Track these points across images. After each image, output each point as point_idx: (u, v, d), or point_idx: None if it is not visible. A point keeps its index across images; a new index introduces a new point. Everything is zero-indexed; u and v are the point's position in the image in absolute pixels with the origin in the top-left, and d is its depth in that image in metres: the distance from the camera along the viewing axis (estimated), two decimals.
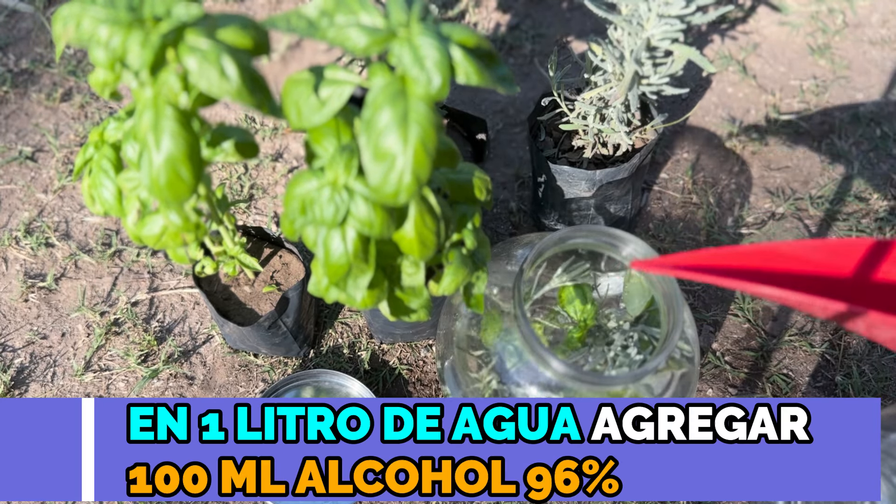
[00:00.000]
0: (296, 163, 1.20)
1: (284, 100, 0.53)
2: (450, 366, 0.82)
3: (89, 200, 0.66)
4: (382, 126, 0.44)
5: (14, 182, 1.17)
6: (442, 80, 0.44)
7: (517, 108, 1.26)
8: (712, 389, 0.99)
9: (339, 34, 0.47)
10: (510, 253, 0.82)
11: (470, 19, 1.38)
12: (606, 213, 1.02)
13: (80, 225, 1.13)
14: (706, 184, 1.17)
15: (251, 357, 1.01)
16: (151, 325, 1.04)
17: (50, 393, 0.99)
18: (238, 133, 0.64)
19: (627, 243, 0.73)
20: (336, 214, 0.51)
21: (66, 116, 1.24)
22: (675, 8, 0.73)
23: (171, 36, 0.44)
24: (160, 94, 0.46)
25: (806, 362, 1.01)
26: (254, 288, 0.90)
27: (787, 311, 1.05)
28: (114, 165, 0.64)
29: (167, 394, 0.98)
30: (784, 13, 1.39)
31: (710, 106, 1.26)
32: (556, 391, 0.71)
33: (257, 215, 1.14)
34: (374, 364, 1.01)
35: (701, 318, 1.04)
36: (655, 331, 0.76)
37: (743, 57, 1.32)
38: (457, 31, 0.47)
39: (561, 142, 0.98)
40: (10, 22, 1.37)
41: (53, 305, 1.05)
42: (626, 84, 0.84)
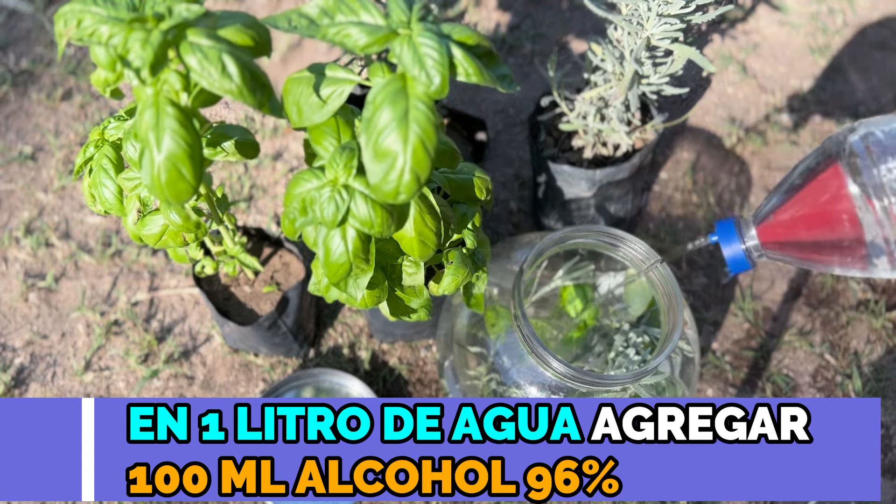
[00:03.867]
0: (296, 163, 1.20)
1: (285, 99, 0.53)
2: (450, 365, 0.82)
3: (90, 200, 0.66)
4: (382, 125, 0.44)
5: (14, 182, 1.17)
6: (442, 80, 0.44)
7: (517, 108, 1.26)
8: (712, 389, 0.99)
9: (339, 33, 0.47)
10: (510, 253, 0.82)
11: (470, 19, 1.38)
12: (606, 213, 1.02)
13: (80, 225, 1.13)
14: (706, 184, 1.17)
15: (251, 357, 1.01)
16: (151, 325, 1.04)
17: (50, 393, 0.99)
18: (239, 132, 0.64)
19: (627, 243, 0.73)
20: (336, 214, 0.51)
21: (66, 116, 1.24)
22: (674, 7, 0.73)
23: (173, 34, 0.44)
24: (161, 93, 0.46)
25: (806, 362, 1.01)
26: (254, 288, 0.90)
27: (787, 311, 1.05)
28: (114, 165, 0.64)
29: (167, 394, 0.98)
30: (784, 13, 1.39)
31: (710, 106, 1.26)
32: (556, 391, 0.71)
33: (257, 215, 1.14)
34: (374, 364, 1.01)
35: (701, 318, 1.04)
36: (656, 331, 0.76)
37: (743, 57, 1.32)
38: (457, 30, 0.47)
39: (561, 142, 0.98)
40: (10, 22, 1.37)
41: (53, 305, 1.05)
42: (626, 84, 0.84)
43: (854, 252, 0.51)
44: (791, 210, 0.56)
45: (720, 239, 0.65)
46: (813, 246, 0.55)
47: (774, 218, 0.58)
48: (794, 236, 0.56)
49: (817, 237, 0.53)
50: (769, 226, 0.59)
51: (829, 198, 0.51)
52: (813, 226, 0.53)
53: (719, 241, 0.65)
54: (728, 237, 0.64)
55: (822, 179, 0.53)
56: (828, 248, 0.53)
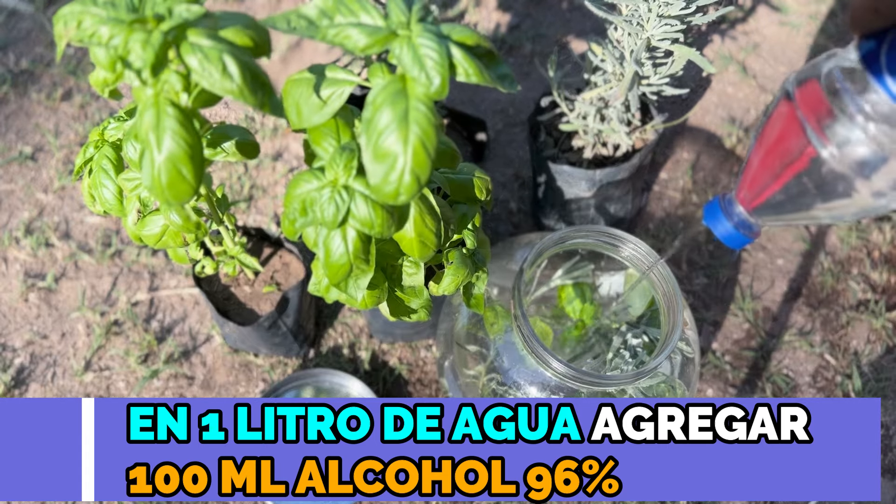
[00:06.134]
0: (296, 163, 1.20)
1: (285, 100, 0.53)
2: (450, 365, 0.82)
3: (89, 200, 0.66)
4: (383, 126, 0.44)
5: (14, 182, 1.17)
6: (442, 80, 0.44)
7: (517, 108, 1.26)
8: (712, 389, 0.99)
9: (338, 34, 0.47)
10: (510, 253, 0.82)
11: (470, 19, 1.38)
12: (606, 213, 1.02)
13: (80, 225, 1.13)
14: (706, 184, 1.17)
15: (251, 357, 1.01)
16: (151, 325, 1.04)
17: (50, 393, 0.99)
18: (239, 133, 0.64)
19: (627, 243, 0.73)
20: (336, 214, 0.51)
21: (66, 116, 1.24)
22: (675, 8, 0.73)
23: (173, 35, 0.44)
24: (161, 94, 0.46)
25: (806, 362, 1.01)
26: (254, 288, 0.90)
27: (787, 311, 1.05)
28: (114, 165, 0.64)
29: (167, 394, 0.98)
30: (784, 13, 1.39)
31: (710, 106, 1.26)
32: (556, 391, 0.71)
33: (257, 215, 1.14)
34: (374, 364, 1.01)
35: (701, 318, 1.04)
36: (656, 331, 0.76)
37: (743, 57, 1.32)
38: (456, 30, 0.47)
39: (561, 142, 0.98)
40: (10, 22, 1.37)
41: (53, 305, 1.05)
42: (626, 84, 0.84)
43: (824, 180, 0.50)
44: (757, 164, 0.56)
45: (708, 221, 0.64)
46: (789, 192, 0.54)
47: (749, 181, 0.58)
48: (770, 190, 0.56)
49: (786, 177, 0.53)
50: (746, 191, 0.59)
51: (782, 129, 0.51)
52: (779, 167, 0.53)
53: (708, 224, 0.64)
54: (714, 218, 0.63)
55: (774, 117, 0.53)
56: (800, 186, 0.52)
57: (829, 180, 0.50)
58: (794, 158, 0.51)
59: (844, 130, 0.47)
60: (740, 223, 0.61)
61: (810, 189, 0.51)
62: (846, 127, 0.46)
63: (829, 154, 0.48)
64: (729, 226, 0.62)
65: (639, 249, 0.72)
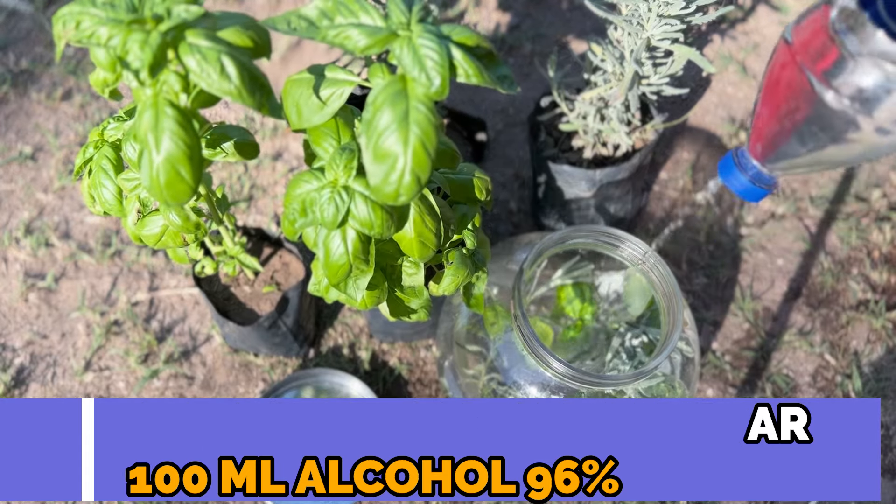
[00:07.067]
0: (296, 163, 1.20)
1: (284, 100, 0.53)
2: (450, 365, 0.82)
3: (89, 200, 0.66)
4: (383, 126, 0.44)
5: (14, 182, 1.17)
6: (442, 81, 0.44)
7: (517, 108, 1.26)
8: (712, 389, 0.99)
9: (339, 35, 0.47)
10: (510, 253, 0.82)
11: (470, 19, 1.38)
12: (606, 213, 1.02)
13: (80, 225, 1.13)
14: (706, 184, 1.17)
15: (251, 357, 1.01)
16: (151, 325, 1.04)
17: (50, 393, 0.99)
18: (238, 133, 0.64)
19: (627, 243, 0.73)
20: (336, 215, 0.51)
21: (66, 116, 1.24)
22: (675, 8, 0.73)
23: (171, 35, 0.44)
24: (160, 94, 0.46)
25: (806, 362, 1.01)
26: (254, 288, 0.90)
27: (787, 311, 1.05)
28: (114, 165, 0.64)
29: (167, 394, 0.98)
30: (784, 13, 1.39)
31: (710, 106, 1.26)
32: (556, 391, 0.71)
33: (257, 215, 1.14)
34: (374, 364, 1.01)
35: (701, 318, 1.04)
36: (656, 331, 0.76)
37: (743, 57, 1.32)
38: (457, 30, 0.47)
39: (561, 142, 0.98)
40: (10, 22, 1.37)
41: (53, 305, 1.05)
42: (626, 84, 0.84)
43: (828, 122, 0.50)
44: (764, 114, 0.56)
45: (723, 177, 0.64)
46: (797, 138, 0.54)
47: (758, 131, 0.58)
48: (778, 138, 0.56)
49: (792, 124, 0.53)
50: (757, 142, 0.58)
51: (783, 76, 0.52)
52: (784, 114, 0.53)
53: (723, 179, 0.64)
54: (729, 173, 0.63)
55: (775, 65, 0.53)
56: (807, 131, 0.52)
57: (833, 121, 0.50)
58: (797, 104, 0.51)
59: (843, 70, 0.47)
60: (755, 176, 0.61)
61: (816, 132, 0.51)
62: (844, 67, 0.47)
63: (830, 95, 0.48)
64: (744, 179, 0.62)
65: (639, 249, 0.72)
